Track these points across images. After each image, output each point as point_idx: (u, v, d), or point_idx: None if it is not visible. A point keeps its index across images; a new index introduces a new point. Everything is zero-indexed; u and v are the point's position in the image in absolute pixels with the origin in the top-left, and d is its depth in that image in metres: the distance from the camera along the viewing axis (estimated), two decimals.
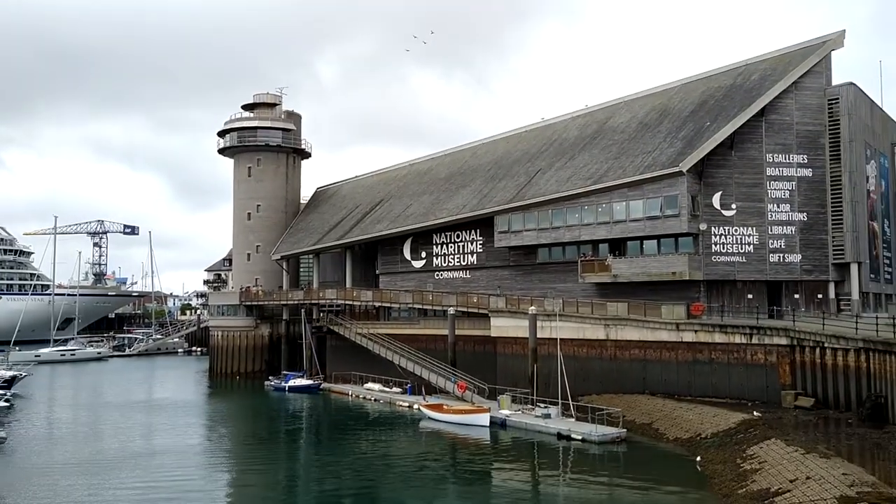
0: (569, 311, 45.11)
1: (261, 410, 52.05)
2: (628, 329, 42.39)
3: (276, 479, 31.25)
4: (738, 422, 32.44)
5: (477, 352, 52.02)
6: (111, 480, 29.41)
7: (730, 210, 44.22)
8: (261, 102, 78.29)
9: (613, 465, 31.23)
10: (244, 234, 76.88)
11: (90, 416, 48.37)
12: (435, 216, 59.08)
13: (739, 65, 48.98)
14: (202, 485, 29.25)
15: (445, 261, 59.94)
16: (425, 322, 57.96)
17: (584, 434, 35.05)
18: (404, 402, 48.51)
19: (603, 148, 51.27)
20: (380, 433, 41.07)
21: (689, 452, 31.42)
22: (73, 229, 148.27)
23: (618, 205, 46.09)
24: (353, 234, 65.95)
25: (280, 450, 38.05)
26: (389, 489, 28.71)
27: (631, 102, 54.98)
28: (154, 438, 39.80)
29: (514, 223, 51.84)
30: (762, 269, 44.27)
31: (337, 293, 64.24)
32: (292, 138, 77.25)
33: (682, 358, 40.14)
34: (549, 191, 50.30)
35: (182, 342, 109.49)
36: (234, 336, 72.20)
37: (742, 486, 24.41)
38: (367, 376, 56.38)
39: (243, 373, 70.61)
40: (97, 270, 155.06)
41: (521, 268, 53.83)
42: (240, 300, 72.00)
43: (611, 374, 42.95)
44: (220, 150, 78.44)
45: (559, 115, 61.14)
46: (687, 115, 47.79)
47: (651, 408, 38.48)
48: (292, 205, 78.68)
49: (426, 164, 71.18)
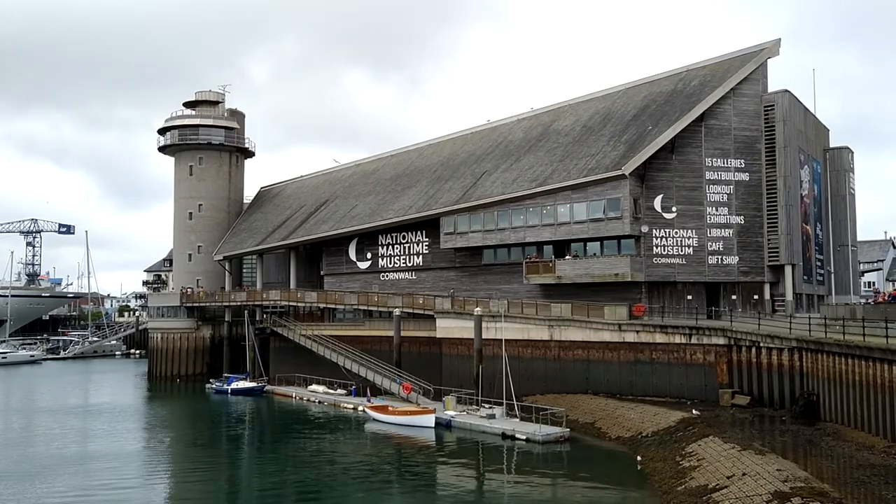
0: (514, 312, 45.41)
1: (202, 414, 50.93)
2: (572, 330, 42.88)
3: (218, 484, 30.57)
4: (678, 420, 33.07)
5: (422, 353, 51.94)
6: (43, 488, 28.31)
7: (670, 213, 45.18)
8: (203, 100, 76.69)
9: (557, 464, 31.51)
10: (185, 233, 75.12)
11: (22, 421, 46.51)
12: (381, 217, 58.77)
13: (680, 70, 50.10)
14: (140, 492, 28.38)
15: (391, 262, 59.69)
16: (371, 323, 57.64)
17: (529, 434, 35.28)
18: (349, 404, 48.12)
19: (548, 150, 51.78)
20: (324, 436, 40.59)
21: (630, 451, 31.89)
22: (5, 228, 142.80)
23: (562, 207, 46.61)
24: (298, 234, 65.11)
25: (222, 454, 37.26)
26: (334, 492, 28.36)
27: (575, 106, 55.69)
28: (90, 444, 38.51)
29: (459, 224, 51.94)
30: (701, 270, 45.35)
31: (281, 294, 63.33)
32: (235, 137, 75.87)
33: (624, 358, 40.80)
34: (495, 192, 50.55)
35: (120, 345, 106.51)
36: (175, 338, 70.54)
37: (681, 483, 24.83)
38: (311, 378, 55.77)
39: (184, 376, 69.05)
40: (30, 271, 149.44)
41: (466, 269, 53.97)
42: (180, 301, 70.40)
43: (555, 375, 43.38)
44: (161, 148, 76.50)
45: (505, 117, 61.56)
46: (630, 119, 48.63)
47: (594, 407, 38.98)
48: (235, 204, 77.26)
49: (372, 164, 70.77)
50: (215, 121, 75.06)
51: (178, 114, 76.10)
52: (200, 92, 77.23)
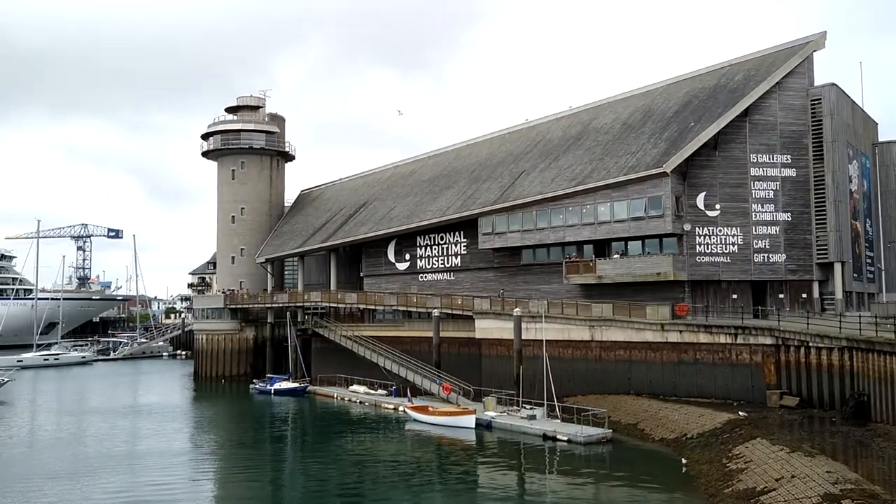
0: (554, 313, 45.09)
1: (246, 414, 51.65)
2: (613, 330, 42.42)
3: (262, 483, 30.98)
4: (724, 422, 32.50)
5: (462, 353, 51.92)
6: (94, 487, 29.01)
7: (714, 210, 44.38)
8: (244, 105, 77.87)
9: (599, 465, 31.18)
10: (228, 237, 76.37)
11: (74, 421, 47.74)
12: (419, 218, 58.94)
13: (723, 65, 49.20)
14: (187, 490, 28.92)
15: (429, 263, 59.80)
16: (410, 324, 57.81)
17: (570, 435, 35.00)
18: (389, 405, 48.31)
19: (587, 149, 51.33)
20: (365, 436, 40.84)
21: (674, 453, 31.45)
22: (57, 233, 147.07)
23: (602, 206, 46.14)
24: (338, 236, 65.68)
25: (266, 454, 37.73)
26: (377, 492, 28.50)
27: (615, 103, 55.10)
28: (139, 443, 39.36)
29: (498, 225, 51.77)
30: (747, 269, 44.45)
31: (321, 296, 63.92)
32: (276, 141, 76.84)
33: (667, 358, 40.22)
34: (534, 192, 50.28)
35: (167, 346, 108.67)
36: (219, 339, 71.68)
37: (728, 485, 24.42)
38: (352, 379, 56.15)
39: (228, 376, 70.10)
40: (81, 274, 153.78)
41: (505, 269, 53.78)
42: (224, 303, 71.49)
43: (596, 375, 42.96)
44: (204, 153, 77.88)
45: (543, 117, 61.20)
46: (671, 116, 47.94)
47: (636, 408, 38.50)
48: (276, 207, 78.27)
49: (409, 165, 71.02)
50: (256, 125, 76.14)
51: (220, 119, 77.40)
52: (242, 97, 78.44)
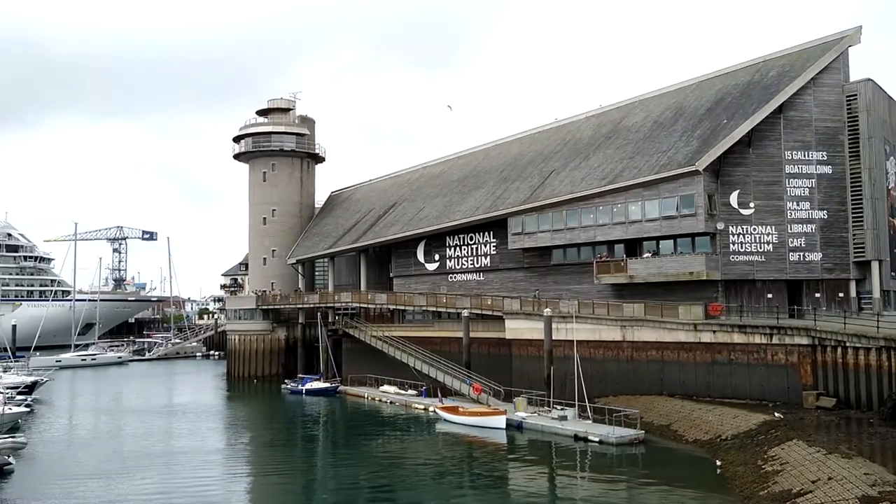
0: (584, 313, 44.82)
1: (278, 414, 52.15)
2: (645, 330, 42.04)
3: (295, 483, 31.26)
4: (759, 423, 32.05)
5: (492, 354, 51.83)
6: (131, 485, 29.54)
7: (748, 209, 43.75)
8: (275, 108, 78.64)
9: (632, 466, 30.93)
10: (260, 238, 77.20)
11: (110, 420, 48.67)
12: (448, 218, 58.98)
13: (756, 61, 48.49)
14: (221, 489, 29.31)
15: (459, 263, 59.81)
16: (439, 324, 57.87)
17: (602, 436, 34.77)
18: (420, 405, 48.42)
19: (618, 147, 50.94)
20: (396, 436, 41.00)
21: (708, 454, 31.10)
22: (93, 235, 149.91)
23: (633, 205, 45.73)
24: (367, 237, 66.00)
25: (298, 454, 38.08)
26: (407, 492, 28.58)
27: (646, 101, 54.60)
28: (174, 442, 39.98)
29: (527, 224, 51.60)
30: (782, 267, 43.74)
31: (352, 296, 64.29)
32: (306, 143, 77.48)
33: (700, 359, 39.75)
34: (564, 191, 50.03)
35: (200, 346, 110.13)
36: (251, 340, 72.44)
37: (763, 487, 24.10)
38: (382, 379, 56.36)
39: (260, 376, 70.83)
40: (117, 276, 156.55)
41: (535, 269, 53.57)
42: (256, 304, 72.24)
43: (628, 376, 42.61)
44: (236, 156, 78.82)
45: (573, 116, 60.84)
46: (703, 113, 47.37)
47: (669, 409, 38.12)
48: (307, 209, 78.91)
49: (439, 166, 71.12)
50: (287, 127, 76.83)
51: (251, 122, 78.26)
52: (272, 100, 79.22)
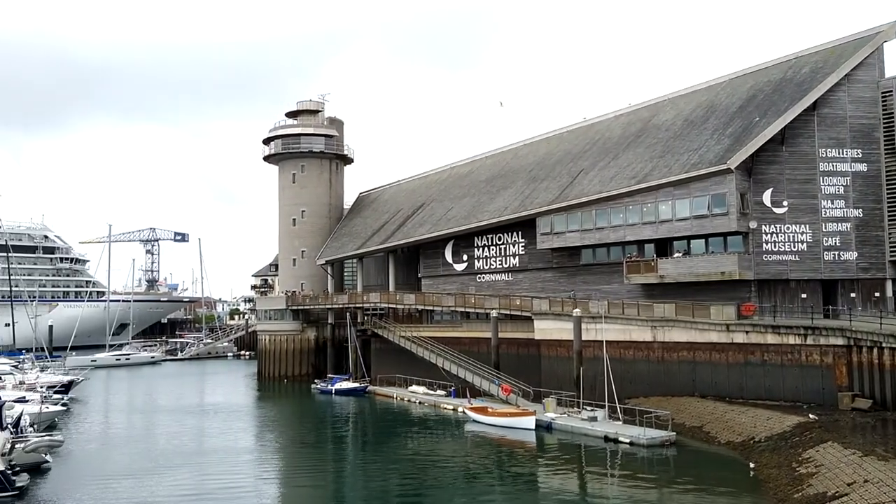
0: (614, 313, 44.48)
1: (308, 414, 52.55)
2: (676, 330, 41.59)
3: (325, 481, 31.50)
4: (793, 425, 31.56)
5: (521, 354, 51.67)
6: (164, 484, 29.98)
7: (781, 207, 43.06)
8: (304, 110, 79.24)
9: (663, 468, 30.63)
10: (290, 239, 77.86)
11: (144, 419, 49.46)
12: (476, 219, 58.93)
13: (789, 58, 47.71)
14: (252, 488, 29.61)
15: (487, 263, 59.72)
16: (468, 325, 57.84)
17: (633, 437, 34.49)
18: (448, 405, 48.45)
19: (647, 146, 50.49)
20: (425, 436, 41.07)
21: (741, 456, 30.72)
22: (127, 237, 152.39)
23: (663, 204, 45.28)
24: (396, 238, 66.22)
25: (328, 453, 38.33)
26: (436, 493, 28.62)
27: (676, 99, 54.03)
28: (206, 442, 40.48)
29: (556, 224, 51.36)
30: (816, 267, 42.97)
31: (380, 296, 64.55)
32: (335, 144, 77.95)
33: (732, 359, 39.23)
34: (593, 191, 49.71)
35: (231, 346, 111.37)
36: (282, 340, 73.09)
37: (798, 490, 23.74)
38: (411, 379, 56.50)
39: (290, 376, 71.41)
40: (150, 277, 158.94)
41: (564, 269, 53.29)
42: (286, 304, 72.86)
43: (659, 377, 42.20)
44: (266, 158, 79.56)
45: (602, 115, 60.43)
46: (735, 111, 46.75)
47: (701, 410, 37.68)
48: (336, 210, 79.41)
49: (466, 166, 71.10)
50: (315, 129, 77.38)
51: (281, 124, 78.96)
52: (301, 102, 79.84)
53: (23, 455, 30.53)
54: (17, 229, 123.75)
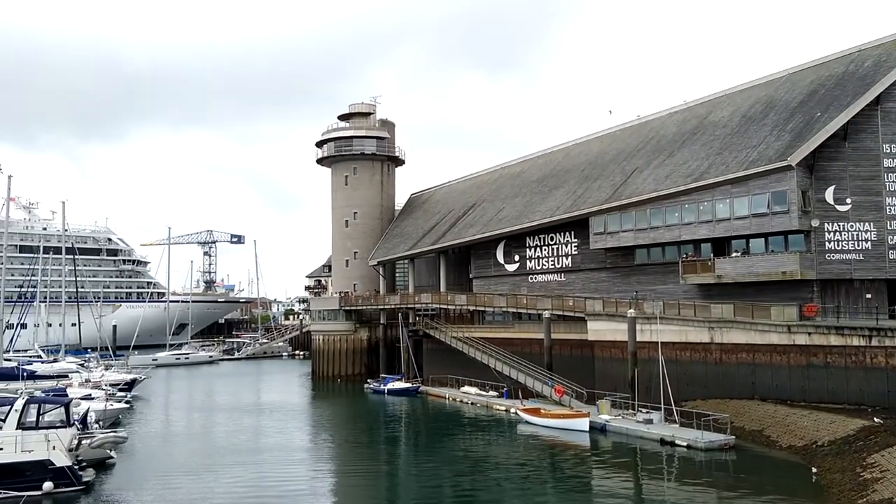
0: (670, 314, 43.70)
1: (361, 413, 53.07)
2: (735, 332, 40.64)
3: (378, 481, 31.76)
4: (858, 428, 30.55)
5: (574, 355, 51.18)
6: (222, 480, 30.67)
7: (844, 205, 41.69)
8: (356, 112, 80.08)
9: (722, 473, 29.98)
10: (342, 240, 78.79)
11: (203, 417, 50.68)
12: (528, 219, 58.64)
13: (851, 51, 46.16)
14: (307, 487, 30.04)
15: (539, 264, 59.37)
16: (520, 326, 57.58)
17: (690, 440, 33.85)
18: (501, 406, 48.31)
19: (704, 144, 49.49)
20: (478, 436, 41.04)
21: (803, 461, 29.89)
22: (185, 239, 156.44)
23: (721, 203, 44.31)
24: (447, 238, 66.36)
25: (381, 453, 38.63)
26: (490, 494, 28.56)
27: (733, 95, 52.82)
28: (262, 440, 41.22)
29: (610, 224, 50.74)
30: (881, 266, 41.45)
31: (432, 297, 64.77)
32: (386, 146, 78.59)
33: (794, 362, 38.14)
34: (647, 190, 48.96)
35: (286, 346, 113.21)
36: (335, 340, 73.96)
37: (862, 495, 23.02)
38: (463, 379, 56.53)
39: (344, 376, 72.22)
40: (208, 278, 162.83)
41: (618, 270, 52.60)
42: (339, 305, 73.72)
43: (717, 379, 41.28)
44: (319, 160, 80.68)
45: (656, 112, 59.47)
46: (795, 107, 45.47)
47: (762, 414, 36.75)
48: (387, 211, 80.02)
49: (518, 166, 70.82)
50: (367, 131, 78.15)
51: (333, 126, 79.98)
52: (353, 104, 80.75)
53: (89, 451, 31.61)
54: (82, 232, 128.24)
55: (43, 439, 28.64)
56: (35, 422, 29.62)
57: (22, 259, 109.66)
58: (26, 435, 28.65)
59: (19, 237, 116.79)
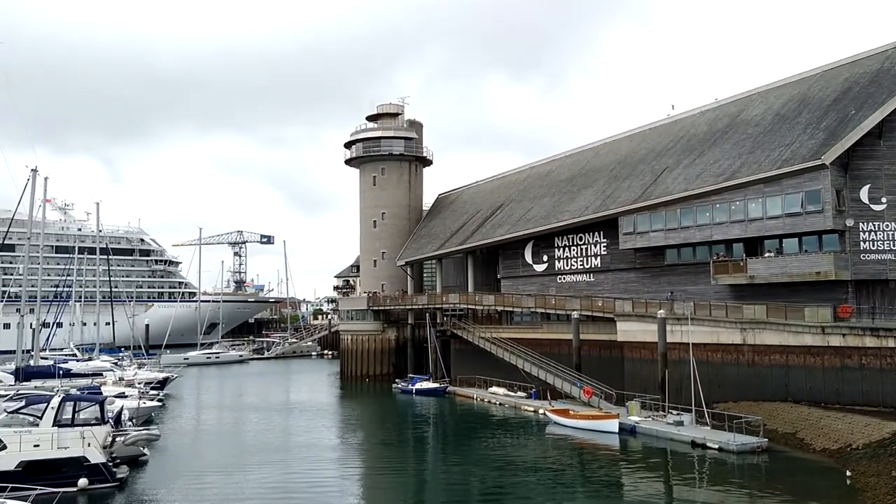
0: (701, 315, 43.19)
1: (390, 413, 53.24)
2: (767, 333, 40.06)
3: (407, 481, 31.85)
4: (894, 431, 29.92)
5: (602, 356, 50.83)
6: (252, 478, 30.99)
7: (880, 204, 40.88)
8: (384, 113, 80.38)
9: (754, 476, 29.58)
10: (370, 241, 79.14)
11: (233, 415, 51.26)
12: (556, 219, 58.38)
13: (886, 48, 45.24)
14: (336, 486, 30.22)
15: (568, 264, 59.07)
16: (548, 326, 57.32)
17: (721, 443, 33.46)
18: (529, 407, 48.17)
19: (735, 142, 48.86)
20: (506, 437, 40.96)
21: (838, 464, 29.39)
22: (216, 240, 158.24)
23: (753, 202, 43.70)
24: (475, 238, 66.32)
25: (409, 453, 38.73)
26: (518, 495, 28.47)
27: (765, 93, 52.06)
28: (291, 438, 41.56)
29: (639, 224, 50.32)
30: None
31: (459, 297, 64.77)
32: (414, 146, 78.78)
33: (828, 363, 37.48)
34: (678, 189, 48.47)
35: (315, 346, 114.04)
36: (363, 340, 74.31)
37: None
38: (491, 380, 56.45)
39: (372, 375, 72.54)
40: (238, 278, 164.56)
41: (647, 270, 52.15)
42: (368, 305, 74.06)
43: (749, 381, 40.72)
44: (347, 161, 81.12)
45: (686, 111, 58.85)
46: (829, 104, 44.68)
47: (795, 416, 36.17)
48: (415, 211, 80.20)
49: (546, 166, 70.53)
50: (395, 132, 78.42)
51: (362, 127, 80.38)
52: (381, 105, 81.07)
53: (123, 448, 32.14)
54: (115, 233, 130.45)
55: (78, 436, 29.17)
56: (71, 419, 30.19)
57: (58, 259, 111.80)
58: (62, 432, 29.21)
59: (55, 238, 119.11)
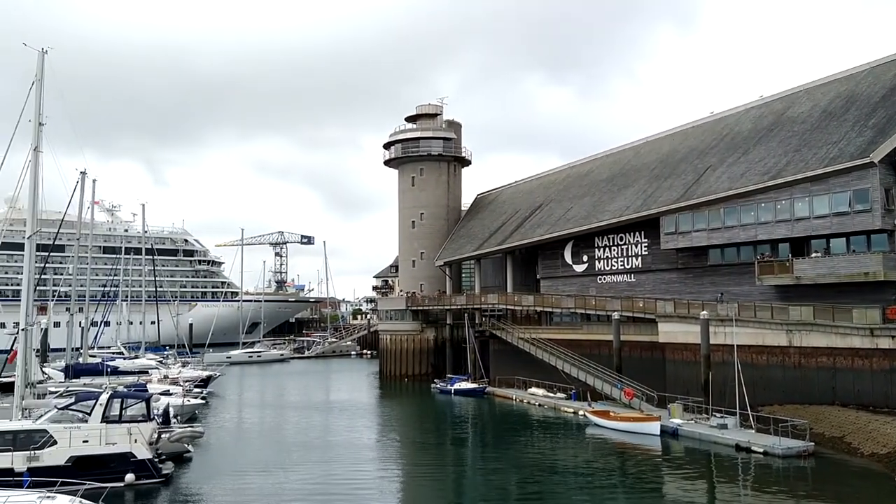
0: (745, 316, 42.39)
1: (429, 413, 53.33)
2: (814, 335, 39.14)
3: (446, 481, 31.85)
4: None
5: (644, 358, 50.22)
6: (293, 476, 31.33)
7: None
8: (423, 114, 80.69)
9: (800, 480, 28.92)
10: (409, 241, 79.44)
11: (275, 414, 51.89)
12: (596, 219, 57.87)
13: None
14: (374, 485, 30.32)
15: (608, 264, 58.50)
16: (588, 327, 56.83)
17: (767, 447, 32.78)
18: (569, 408, 47.81)
19: (781, 140, 47.85)
20: (546, 438, 40.73)
21: (887, 469, 28.60)
22: (257, 240, 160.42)
23: (799, 201, 42.75)
24: (513, 239, 66.09)
25: (448, 453, 38.73)
26: (558, 496, 28.28)
27: (812, 90, 50.88)
28: (331, 437, 41.90)
29: (682, 224, 49.59)
30: None
31: (498, 298, 64.61)
32: (452, 147, 78.87)
33: (877, 366, 36.47)
34: (721, 188, 47.65)
35: (354, 345, 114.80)
36: (402, 340, 74.59)
37: None
38: (530, 381, 56.19)
39: (411, 375, 72.74)
40: (279, 278, 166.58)
41: (690, 270, 51.37)
42: (406, 305, 74.32)
43: (795, 383, 39.84)
44: (386, 162, 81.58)
45: (730, 108, 57.79)
46: (877, 101, 43.48)
47: (842, 420, 35.27)
48: (454, 212, 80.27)
49: (586, 165, 69.97)
50: (434, 132, 78.65)
51: (401, 128, 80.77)
52: (420, 105, 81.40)
53: (168, 444, 32.78)
54: (160, 234, 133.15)
55: (125, 432, 29.87)
56: (118, 415, 30.87)
57: (105, 259, 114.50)
58: (110, 428, 29.91)
59: (103, 238, 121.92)
